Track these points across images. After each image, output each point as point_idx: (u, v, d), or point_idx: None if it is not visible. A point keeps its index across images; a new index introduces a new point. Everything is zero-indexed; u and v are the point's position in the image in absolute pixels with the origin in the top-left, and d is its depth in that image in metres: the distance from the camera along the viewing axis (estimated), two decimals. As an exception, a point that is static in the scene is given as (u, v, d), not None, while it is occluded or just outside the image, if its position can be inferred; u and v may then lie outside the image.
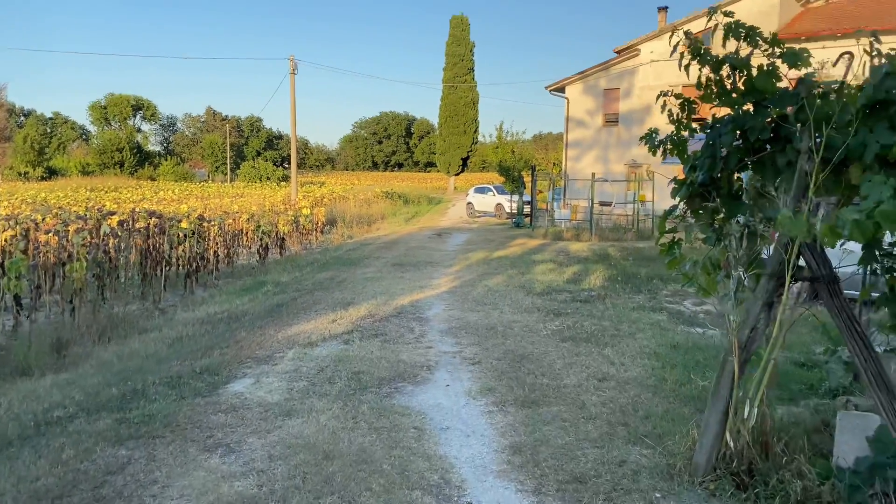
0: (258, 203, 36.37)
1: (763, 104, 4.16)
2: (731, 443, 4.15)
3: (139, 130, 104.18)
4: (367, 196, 44.18)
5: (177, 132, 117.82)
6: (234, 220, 21.05)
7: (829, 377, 5.40)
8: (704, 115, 5.01)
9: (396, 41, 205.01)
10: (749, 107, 4.30)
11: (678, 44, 4.73)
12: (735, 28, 4.27)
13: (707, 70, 4.48)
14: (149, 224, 14.56)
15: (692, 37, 4.59)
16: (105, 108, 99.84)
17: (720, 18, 4.33)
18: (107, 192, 53.62)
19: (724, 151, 4.33)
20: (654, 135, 4.98)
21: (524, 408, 5.78)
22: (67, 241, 12.26)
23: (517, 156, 31.07)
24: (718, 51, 4.42)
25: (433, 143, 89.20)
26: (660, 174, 26.59)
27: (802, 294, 4.52)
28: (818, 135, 3.79)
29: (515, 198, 31.30)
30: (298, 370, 6.96)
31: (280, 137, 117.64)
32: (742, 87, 4.25)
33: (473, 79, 63.65)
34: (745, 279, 4.51)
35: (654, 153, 5.03)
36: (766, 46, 4.10)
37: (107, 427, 5.34)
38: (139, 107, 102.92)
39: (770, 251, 4.58)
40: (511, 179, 31.15)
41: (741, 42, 4.17)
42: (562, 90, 32.45)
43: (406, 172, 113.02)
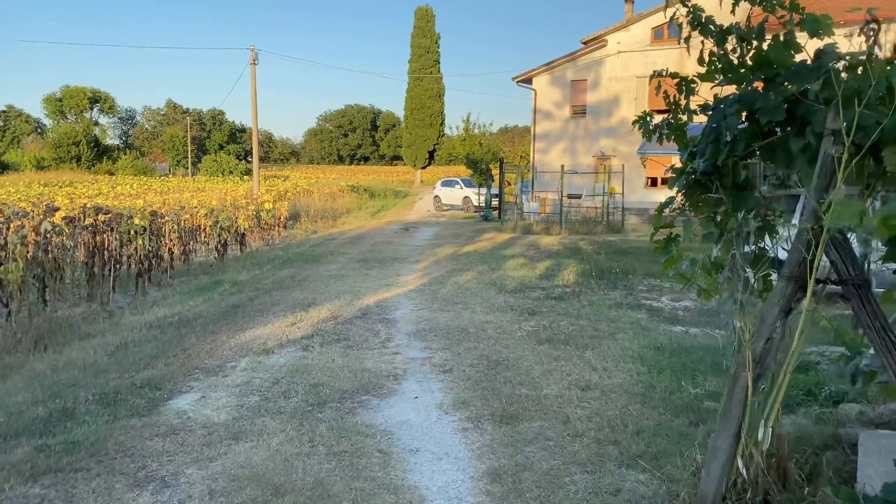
0: (219, 197, 35.26)
1: (776, 80, 3.62)
2: (744, 470, 3.60)
3: (96, 124, 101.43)
4: (332, 190, 43.29)
5: (136, 125, 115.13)
6: (192, 216, 20.14)
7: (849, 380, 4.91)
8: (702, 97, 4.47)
9: (361, 32, 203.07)
10: (758, 85, 3.76)
11: (674, 15, 4.17)
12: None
13: (710, 43, 3.92)
14: (96, 221, 13.66)
15: (691, 5, 4.03)
16: (60, 101, 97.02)
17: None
18: (61, 187, 51.85)
19: (730, 136, 3.78)
20: (648, 118, 4.40)
21: (502, 424, 5.20)
22: (5, 240, 11.36)
23: (485, 148, 30.56)
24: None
25: (399, 137, 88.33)
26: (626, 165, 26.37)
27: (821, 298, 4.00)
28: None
29: (483, 191, 30.77)
30: (250, 383, 6.29)
31: (243, 131, 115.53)
32: (751, 62, 3.69)
33: (439, 71, 62.96)
34: (754, 281, 3.97)
35: (649, 139, 4.46)
36: (784, 12, 3.55)
37: (23, 457, 4.61)
38: (96, 99, 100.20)
39: (774, 249, 4.06)
40: (479, 172, 30.63)
41: (755, 6, 3.61)
42: (529, 81, 31.97)
43: (372, 166, 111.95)
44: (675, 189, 4.23)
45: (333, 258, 16.11)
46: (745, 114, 3.74)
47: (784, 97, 3.56)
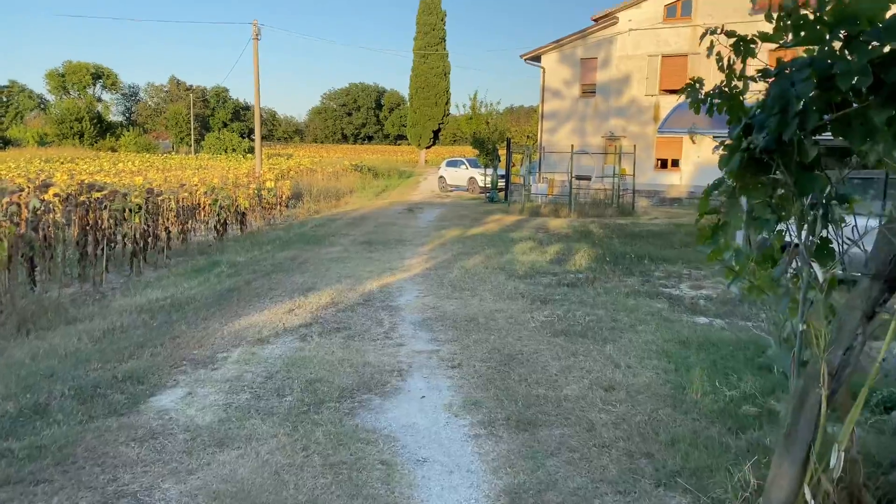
0: (221, 175, 34.65)
1: (860, 39, 3.02)
2: (812, 501, 3.06)
3: (99, 100, 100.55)
4: (336, 169, 42.62)
5: (139, 102, 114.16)
6: (191, 194, 19.57)
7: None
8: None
9: (366, 9, 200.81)
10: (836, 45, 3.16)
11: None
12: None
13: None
14: (88, 198, 13.11)
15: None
16: (63, 77, 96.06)
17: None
18: (63, 164, 51.27)
19: (800, 106, 3.19)
20: (699, 86, 3.79)
21: (519, 430, 4.66)
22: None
23: (491, 127, 29.80)
24: None
25: (404, 116, 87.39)
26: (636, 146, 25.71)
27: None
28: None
29: (489, 171, 30.10)
30: (242, 378, 5.75)
31: (247, 109, 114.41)
32: (831, 16, 3.10)
33: (445, 48, 61.94)
34: (822, 279, 3.39)
35: (697, 109, 3.86)
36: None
37: (-19, 465, 4.10)
38: (99, 75, 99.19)
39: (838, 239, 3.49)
40: (485, 152, 29.91)
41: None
42: (537, 59, 31.17)
43: (376, 145, 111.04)
44: (726, 170, 3.64)
45: (336, 240, 15.55)
46: (819, 80, 3.15)
47: (869, 59, 2.97)
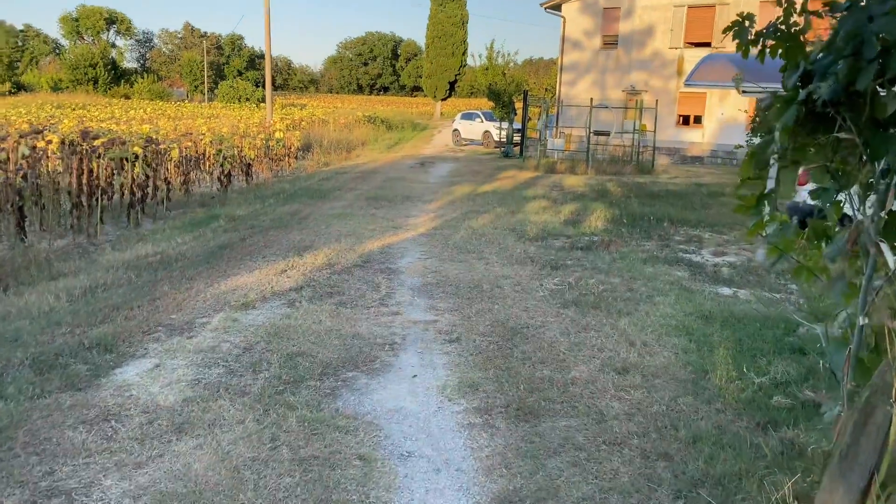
0: (232, 125, 33.96)
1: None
2: (870, 539, 2.50)
3: (113, 46, 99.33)
4: (349, 120, 41.75)
5: (153, 49, 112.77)
6: (195, 143, 18.97)
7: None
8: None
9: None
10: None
11: None
12: None
13: None
14: (82, 146, 12.54)
15: None
16: (77, 21, 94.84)
17: None
18: (74, 110, 50.65)
19: (879, 47, 2.53)
20: (749, 24, 3.11)
21: (519, 420, 4.11)
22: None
23: (508, 79, 28.79)
24: None
25: (420, 67, 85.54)
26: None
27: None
28: None
29: (505, 125, 29.20)
30: (217, 349, 5.23)
31: (262, 57, 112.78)
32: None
33: (463, -4, 60.18)
34: (894, 264, 2.76)
35: (746, 52, 3.19)
36: None
37: None
38: (112, 20, 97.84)
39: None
40: (501, 105, 28.96)
41: None
42: (558, 8, 29.92)
43: (392, 97, 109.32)
44: (778, 126, 2.98)
45: (341, 194, 14.95)
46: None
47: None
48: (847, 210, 2.99)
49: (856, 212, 2.89)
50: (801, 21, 2.95)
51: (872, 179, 2.77)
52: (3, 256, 9.11)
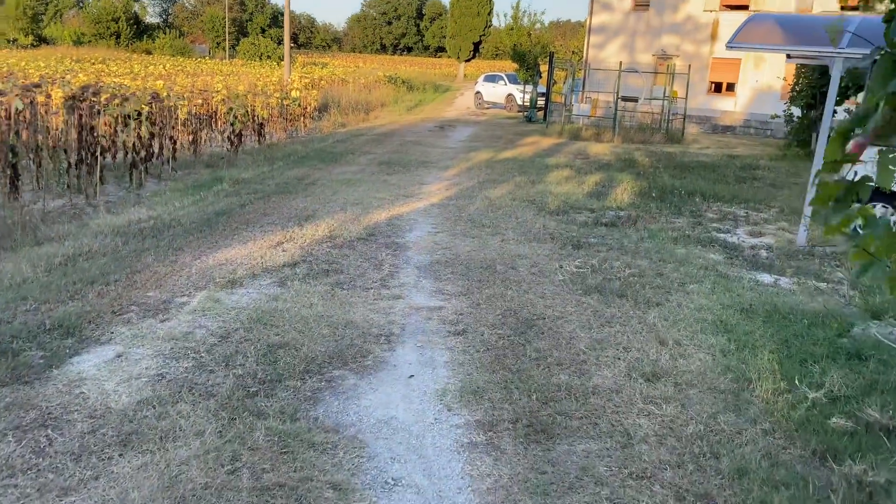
0: (250, 83, 33.22)
1: None
2: None
3: (136, 0, 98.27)
4: (369, 81, 40.78)
5: (176, 3, 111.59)
6: (206, 101, 18.30)
7: None
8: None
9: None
10: None
11: None
12: None
13: None
14: (82, 101, 11.92)
15: None
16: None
17: None
18: (93, 64, 50.05)
19: None
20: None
21: (530, 441, 3.47)
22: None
23: (534, 40, 27.67)
24: None
25: (445, 27, 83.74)
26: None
27: None
28: None
29: (529, 88, 28.18)
30: (191, 336, 4.63)
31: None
32: None
33: (491, -47, 58.38)
34: None
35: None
36: None
37: None
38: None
39: None
40: (525, 67, 27.91)
41: None
42: (589, -34, 28.59)
43: (415, 57, 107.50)
44: (883, 93, 2.24)
45: (354, 158, 14.25)
46: None
47: None
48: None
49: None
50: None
51: None
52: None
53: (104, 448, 3.23)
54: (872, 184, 2.15)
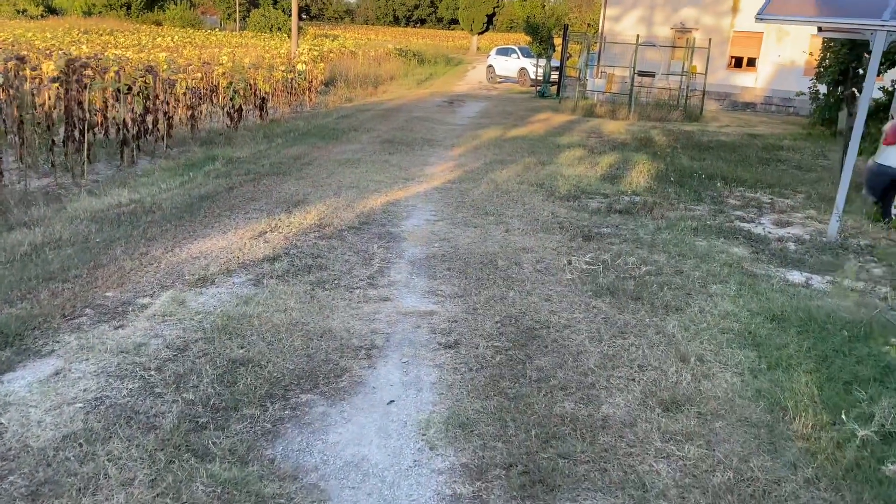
0: (258, 55, 32.43)
1: None
2: None
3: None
4: (379, 53, 39.86)
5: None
6: (206, 75, 17.64)
7: None
8: None
9: None
10: None
11: None
12: None
13: None
14: (67, 74, 11.31)
15: None
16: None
17: None
18: (101, 35, 49.38)
19: None
20: None
21: (525, 497, 2.88)
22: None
23: (548, 12, 26.72)
24: None
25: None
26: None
27: None
28: None
29: (542, 62, 27.28)
30: (144, 348, 4.06)
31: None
32: None
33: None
34: None
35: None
36: None
37: None
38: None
39: None
40: (539, 40, 27.01)
41: None
42: (606, -65, 27.50)
43: (428, 29, 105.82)
44: None
45: (356, 135, 13.60)
46: None
47: None
48: None
49: None
50: None
51: None
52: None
53: (7, 504, 2.68)
54: None
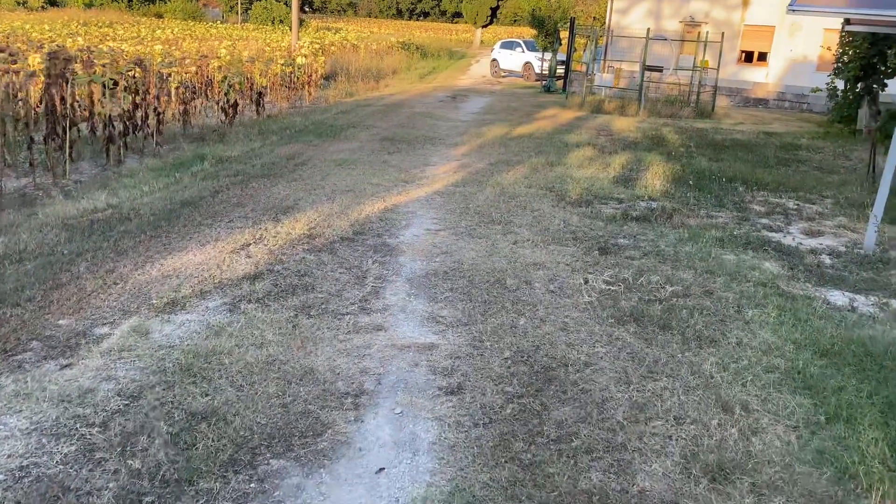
0: (258, 48, 31.74)
1: None
2: None
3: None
4: (381, 46, 39.15)
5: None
6: (201, 68, 16.99)
7: None
8: None
9: None
10: None
11: None
12: None
13: None
14: (48, 69, 10.68)
15: None
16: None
17: None
18: (99, 28, 48.70)
19: None
20: None
21: None
22: None
23: (553, 4, 26.01)
24: None
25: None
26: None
27: None
28: None
29: (548, 56, 26.58)
30: (91, 396, 3.43)
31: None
32: None
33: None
34: None
35: None
36: None
37: None
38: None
39: None
40: (544, 34, 26.27)
41: None
42: (614, -75, 26.74)
43: (431, 23, 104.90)
44: None
45: (355, 133, 12.95)
46: None
47: None
48: None
49: None
50: None
51: None
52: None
53: None
54: None
